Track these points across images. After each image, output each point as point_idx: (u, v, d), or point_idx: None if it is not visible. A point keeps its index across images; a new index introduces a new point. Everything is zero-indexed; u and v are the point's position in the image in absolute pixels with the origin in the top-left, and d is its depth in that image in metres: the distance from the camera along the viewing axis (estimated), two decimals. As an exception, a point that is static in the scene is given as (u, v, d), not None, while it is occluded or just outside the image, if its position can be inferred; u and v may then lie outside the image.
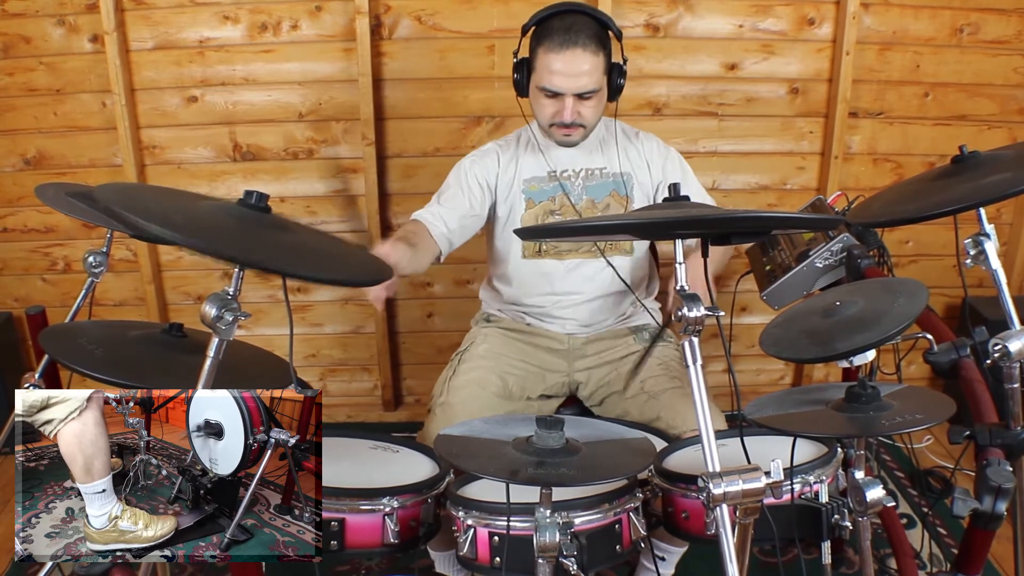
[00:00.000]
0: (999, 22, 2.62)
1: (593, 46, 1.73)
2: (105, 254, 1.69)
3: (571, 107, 1.77)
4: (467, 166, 1.95)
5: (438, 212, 1.90)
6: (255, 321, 2.80)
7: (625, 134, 1.98)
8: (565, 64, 1.72)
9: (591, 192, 1.93)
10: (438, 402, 1.84)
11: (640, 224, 1.15)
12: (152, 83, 2.60)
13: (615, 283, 1.95)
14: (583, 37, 1.72)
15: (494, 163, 1.94)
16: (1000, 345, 1.35)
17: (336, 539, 1.32)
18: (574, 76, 1.73)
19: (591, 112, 1.80)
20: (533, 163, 1.93)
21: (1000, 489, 1.31)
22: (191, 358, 1.23)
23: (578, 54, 1.72)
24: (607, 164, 1.94)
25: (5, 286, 2.84)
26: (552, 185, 1.92)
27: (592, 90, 1.76)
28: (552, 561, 1.22)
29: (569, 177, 1.93)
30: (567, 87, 1.75)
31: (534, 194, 1.93)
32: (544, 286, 1.96)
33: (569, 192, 1.92)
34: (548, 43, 1.74)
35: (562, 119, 1.79)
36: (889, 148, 2.76)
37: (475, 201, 1.92)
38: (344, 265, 1.22)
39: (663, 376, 1.83)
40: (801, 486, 1.34)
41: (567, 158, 1.93)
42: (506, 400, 1.86)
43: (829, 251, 1.89)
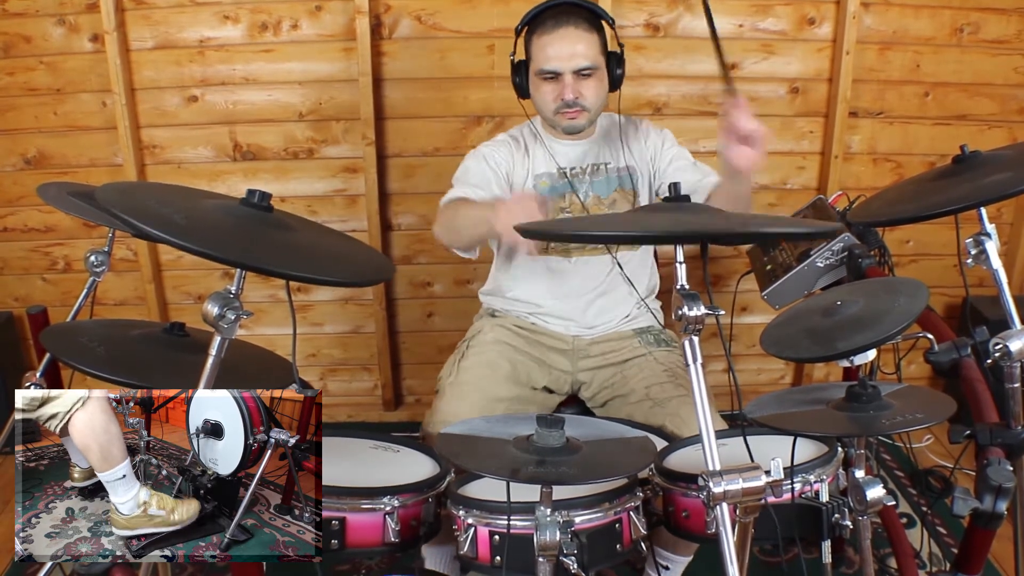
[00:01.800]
0: (999, 22, 2.62)
1: (585, 24, 1.77)
2: (107, 253, 1.69)
3: (571, 84, 1.78)
4: (485, 152, 1.93)
5: (475, 192, 1.84)
6: (256, 321, 2.80)
7: (631, 125, 1.98)
8: (559, 42, 1.76)
9: (597, 188, 1.93)
10: (448, 382, 1.83)
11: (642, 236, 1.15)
12: (152, 83, 2.60)
13: (620, 280, 1.95)
14: (575, 18, 1.77)
15: (508, 154, 1.93)
16: (1001, 345, 1.35)
17: (336, 538, 1.32)
18: (569, 53, 1.76)
19: (592, 92, 1.80)
20: (543, 159, 1.94)
21: (1000, 488, 1.31)
22: (193, 357, 1.23)
23: (571, 31, 1.75)
24: (612, 159, 1.95)
25: (5, 286, 2.84)
26: (562, 183, 1.92)
27: (589, 66, 1.77)
28: (552, 560, 1.22)
29: (577, 175, 1.93)
30: (564, 65, 1.76)
31: (543, 190, 1.92)
32: (550, 283, 1.96)
33: (576, 190, 1.92)
34: (541, 29, 1.79)
35: (564, 98, 1.79)
36: (889, 148, 2.76)
37: (500, 182, 1.90)
38: (346, 265, 1.22)
39: (669, 384, 1.82)
40: (801, 485, 1.34)
41: (574, 155, 1.93)
42: (514, 384, 1.86)
43: (830, 251, 1.89)
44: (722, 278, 2.82)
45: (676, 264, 1.08)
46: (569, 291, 1.95)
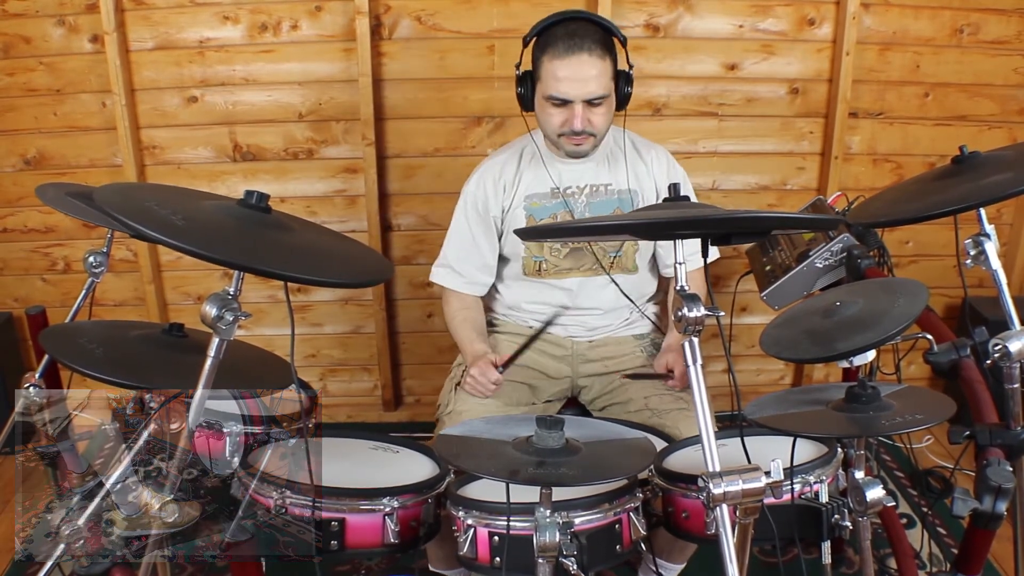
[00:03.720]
0: (999, 22, 2.62)
1: (599, 50, 1.69)
2: (106, 254, 1.68)
3: (581, 115, 1.72)
4: (470, 200, 1.92)
5: (467, 278, 1.94)
6: (255, 321, 2.79)
7: (635, 148, 1.93)
8: (572, 70, 1.68)
9: (595, 209, 1.89)
10: (445, 411, 1.84)
11: (640, 224, 1.15)
12: (152, 83, 2.60)
13: (619, 300, 1.94)
14: (588, 42, 1.68)
15: (494, 182, 1.90)
16: (1000, 345, 1.35)
17: (336, 539, 1.32)
18: (582, 81, 1.69)
19: (601, 120, 1.76)
20: (536, 179, 1.89)
21: (1000, 489, 1.31)
22: (192, 358, 1.23)
23: (584, 59, 1.68)
24: (613, 181, 1.90)
25: (5, 286, 2.84)
26: (555, 202, 1.88)
27: (601, 96, 1.72)
28: (552, 561, 1.22)
29: (573, 194, 1.89)
30: (575, 94, 1.70)
31: (535, 211, 1.89)
32: (549, 299, 1.95)
33: (572, 209, 1.88)
34: (552, 51, 1.70)
35: (572, 127, 1.74)
36: (889, 148, 2.75)
37: (486, 243, 1.93)
38: (345, 266, 1.22)
39: (668, 395, 1.81)
40: (801, 486, 1.35)
41: (573, 174, 1.89)
42: (513, 407, 1.85)
43: (829, 251, 1.89)
44: (722, 278, 2.82)
45: (676, 264, 1.08)
46: (567, 302, 1.94)
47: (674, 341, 1.90)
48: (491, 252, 1.94)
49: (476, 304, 1.98)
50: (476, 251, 1.93)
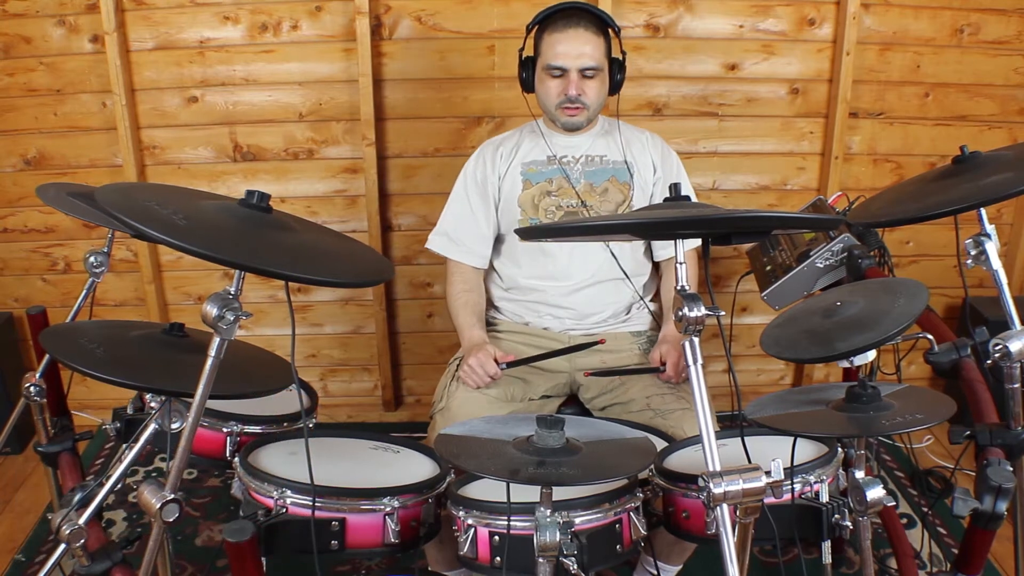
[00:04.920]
0: (999, 22, 2.62)
1: (595, 28, 1.86)
2: (106, 254, 1.69)
3: (576, 81, 1.86)
4: (469, 173, 2.04)
5: (465, 246, 2.02)
6: (256, 321, 2.80)
7: (629, 130, 2.05)
8: (569, 41, 1.85)
9: (590, 176, 1.99)
10: (438, 408, 1.85)
11: (640, 224, 1.15)
12: (152, 83, 2.60)
13: (613, 269, 1.96)
14: (585, 21, 1.86)
15: (493, 156, 2.02)
16: (1001, 345, 1.35)
17: (336, 539, 1.32)
18: (577, 52, 1.84)
19: (593, 92, 1.89)
20: (534, 148, 2.01)
21: (1000, 489, 1.31)
22: (192, 358, 1.23)
23: (581, 32, 1.85)
24: (608, 153, 2.00)
25: (5, 286, 2.83)
26: (551, 168, 1.99)
27: (594, 66, 1.85)
28: (552, 561, 1.22)
29: (569, 162, 1.99)
30: (571, 62, 1.85)
31: (532, 176, 1.99)
32: (543, 267, 1.98)
33: (568, 175, 1.98)
34: (552, 27, 1.87)
35: (567, 93, 1.87)
36: (889, 148, 2.75)
37: (483, 215, 2.02)
38: (346, 265, 1.22)
39: (670, 395, 1.82)
40: (801, 486, 1.35)
41: (570, 146, 2.00)
42: (507, 403, 1.86)
43: (830, 251, 1.89)
44: (722, 278, 2.82)
45: (676, 264, 1.08)
46: (561, 277, 1.97)
47: (669, 333, 1.93)
48: (487, 225, 2.03)
49: (477, 284, 2.05)
50: (473, 221, 2.02)
